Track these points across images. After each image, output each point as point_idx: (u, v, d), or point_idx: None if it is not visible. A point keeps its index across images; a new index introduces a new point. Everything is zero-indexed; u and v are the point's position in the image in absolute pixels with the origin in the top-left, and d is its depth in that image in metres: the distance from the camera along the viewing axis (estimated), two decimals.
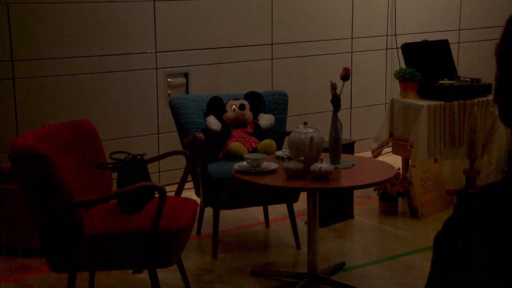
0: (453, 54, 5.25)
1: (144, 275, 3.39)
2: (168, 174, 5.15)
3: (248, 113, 4.21)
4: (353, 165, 3.55)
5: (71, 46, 4.74)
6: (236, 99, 4.24)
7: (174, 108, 4.19)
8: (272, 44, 5.57)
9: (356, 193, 4.78)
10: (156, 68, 5.09)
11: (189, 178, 3.92)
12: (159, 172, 5.14)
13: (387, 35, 6.16)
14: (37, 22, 4.61)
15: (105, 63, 4.88)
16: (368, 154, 5.14)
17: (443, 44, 5.17)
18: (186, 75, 5.23)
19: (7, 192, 3.91)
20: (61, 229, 2.99)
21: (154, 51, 5.05)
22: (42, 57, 4.64)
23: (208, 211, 4.11)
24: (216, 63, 5.34)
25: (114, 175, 3.41)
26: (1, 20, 4.46)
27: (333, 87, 3.54)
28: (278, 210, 4.51)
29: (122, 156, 3.33)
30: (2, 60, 4.50)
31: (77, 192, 3.09)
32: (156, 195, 3.14)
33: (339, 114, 3.58)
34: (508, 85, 0.98)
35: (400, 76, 4.82)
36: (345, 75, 3.62)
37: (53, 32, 4.67)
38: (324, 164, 3.29)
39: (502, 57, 0.98)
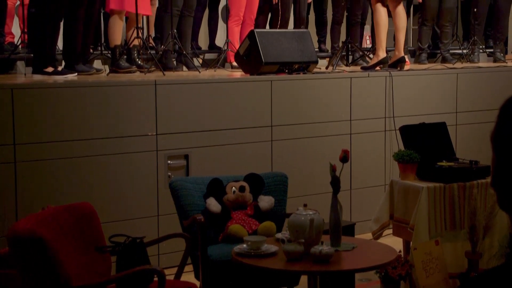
0: (451, 136, 5.30)
1: None
2: (167, 256, 5.11)
3: (248, 195, 4.22)
4: (353, 247, 3.52)
5: (72, 129, 4.79)
6: (236, 181, 4.26)
7: (174, 190, 4.19)
8: (271, 126, 5.63)
9: (358, 276, 4.71)
10: (157, 150, 5.12)
11: (189, 260, 3.88)
12: (158, 255, 5.09)
13: (385, 117, 6.23)
14: (40, 106, 4.67)
15: (105, 146, 4.92)
16: (369, 236, 5.10)
17: (441, 127, 5.22)
18: (186, 157, 5.26)
19: (4, 277, 3.86)
20: None
21: (155, 133, 5.10)
22: (43, 140, 4.68)
23: None
24: (216, 145, 5.38)
25: (114, 258, 3.39)
26: (4, 105, 4.53)
27: (333, 169, 3.56)
28: None
29: (121, 239, 3.32)
30: (4, 144, 4.54)
31: (76, 276, 3.06)
32: (156, 279, 3.11)
33: (339, 195, 3.59)
34: (505, 171, 0.99)
35: (399, 158, 4.85)
36: (344, 157, 3.65)
37: (55, 115, 4.72)
38: (324, 247, 3.27)
39: (497, 144, 1.00)
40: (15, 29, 7.14)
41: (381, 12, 6.36)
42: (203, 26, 8.06)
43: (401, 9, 6.43)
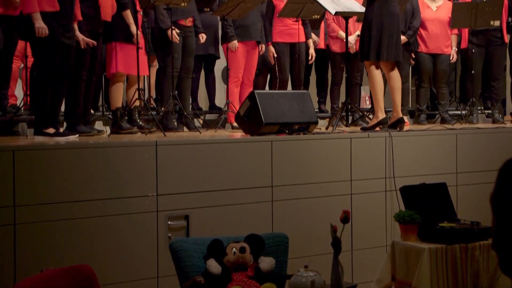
0: (451, 197, 5.29)
1: None
2: None
3: (248, 256, 4.19)
4: None
5: (73, 190, 4.78)
6: (237, 242, 4.23)
7: (174, 251, 4.16)
8: (272, 186, 5.63)
9: None
10: (157, 211, 5.11)
11: None
12: None
13: (385, 178, 6.23)
14: (41, 167, 4.67)
15: (106, 206, 4.90)
16: None
17: (441, 187, 5.23)
18: (186, 217, 5.24)
19: None
20: None
21: (155, 194, 5.09)
22: (43, 202, 4.66)
23: None
24: (216, 206, 5.37)
25: None
26: (6, 166, 4.53)
27: (333, 229, 3.56)
28: None
29: None
30: (4, 206, 4.52)
31: None
32: None
33: (340, 256, 3.56)
34: (505, 233, 0.99)
35: (400, 219, 4.84)
36: (345, 218, 3.64)
37: (56, 176, 4.72)
38: None
39: (497, 206, 1.00)
40: (18, 92, 7.23)
41: (376, 74, 6.43)
42: (203, 87, 8.16)
43: (395, 72, 6.51)
